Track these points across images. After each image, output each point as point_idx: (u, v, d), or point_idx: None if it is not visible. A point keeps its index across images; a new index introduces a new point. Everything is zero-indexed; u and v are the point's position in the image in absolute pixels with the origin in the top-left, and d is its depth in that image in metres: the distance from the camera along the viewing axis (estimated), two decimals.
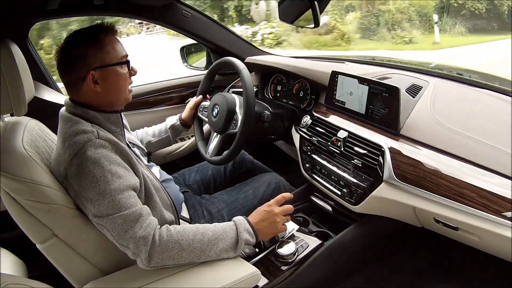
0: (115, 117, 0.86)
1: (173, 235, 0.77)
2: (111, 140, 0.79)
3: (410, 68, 1.16)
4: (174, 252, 0.76)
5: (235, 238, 0.82)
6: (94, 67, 0.81)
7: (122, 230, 0.74)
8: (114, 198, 0.74)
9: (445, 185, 0.75)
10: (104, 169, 0.75)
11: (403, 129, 0.90)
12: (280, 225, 0.90)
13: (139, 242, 0.74)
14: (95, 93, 0.83)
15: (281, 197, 0.91)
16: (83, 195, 0.75)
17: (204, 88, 1.29)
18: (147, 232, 0.75)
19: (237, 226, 0.84)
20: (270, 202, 0.91)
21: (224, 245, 0.81)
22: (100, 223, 0.75)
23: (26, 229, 0.77)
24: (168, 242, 0.76)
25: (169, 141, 1.26)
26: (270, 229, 0.88)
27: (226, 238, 0.81)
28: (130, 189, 0.78)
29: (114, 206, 0.74)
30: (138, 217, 0.76)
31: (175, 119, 1.27)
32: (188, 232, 0.79)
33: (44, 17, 1.37)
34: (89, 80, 0.81)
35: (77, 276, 0.81)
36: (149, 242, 0.75)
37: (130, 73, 0.89)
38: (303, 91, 1.36)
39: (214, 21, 1.59)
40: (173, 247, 0.76)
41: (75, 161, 0.75)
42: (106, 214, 0.74)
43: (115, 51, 0.84)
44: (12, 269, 0.98)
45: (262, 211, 0.89)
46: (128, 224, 0.74)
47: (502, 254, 0.78)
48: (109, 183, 0.74)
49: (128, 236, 0.74)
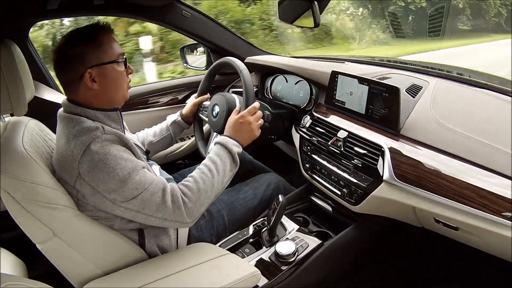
0: (114, 115, 0.87)
1: (193, 187, 0.85)
2: (116, 133, 0.80)
3: (410, 68, 1.16)
4: (202, 198, 0.85)
5: (230, 156, 0.93)
6: (92, 65, 0.82)
7: (154, 204, 0.79)
8: (135, 179, 0.77)
9: (445, 185, 0.75)
10: (117, 156, 0.76)
11: (403, 129, 0.90)
12: (256, 130, 1.01)
13: (175, 208, 0.80)
14: (93, 92, 0.84)
15: (252, 107, 1.01)
16: (103, 188, 0.76)
17: (205, 88, 1.29)
18: (176, 197, 0.81)
19: (225, 146, 0.93)
20: (243, 113, 1.00)
21: (227, 167, 0.91)
22: (129, 207, 0.78)
23: (26, 229, 0.77)
24: (193, 195, 0.84)
25: (171, 140, 1.26)
26: (248, 136, 0.99)
27: (225, 161, 0.91)
28: (144, 168, 0.81)
29: (138, 186, 0.77)
30: (163, 186, 0.81)
31: (175, 115, 1.27)
32: (200, 176, 0.87)
33: (44, 17, 1.37)
34: (86, 79, 0.82)
35: (77, 276, 0.81)
36: (181, 205, 0.81)
37: (127, 72, 0.90)
38: (303, 91, 1.36)
39: (214, 21, 1.59)
40: (199, 196, 0.84)
41: (85, 158, 0.75)
42: (134, 196, 0.77)
43: (112, 49, 0.85)
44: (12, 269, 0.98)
45: (237, 122, 0.99)
46: (157, 196, 0.79)
47: (502, 254, 0.78)
48: (126, 167, 0.77)
49: (162, 208, 0.79)
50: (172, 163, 1.63)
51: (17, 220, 0.76)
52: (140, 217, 0.80)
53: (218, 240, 1.04)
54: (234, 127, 0.99)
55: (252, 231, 1.04)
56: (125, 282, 0.79)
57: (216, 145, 0.95)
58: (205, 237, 1.02)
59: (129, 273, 0.82)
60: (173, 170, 1.30)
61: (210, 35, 1.59)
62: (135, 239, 0.86)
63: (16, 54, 0.79)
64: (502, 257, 0.79)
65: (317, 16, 1.05)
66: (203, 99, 1.27)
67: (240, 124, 0.98)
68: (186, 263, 0.84)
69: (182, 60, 1.81)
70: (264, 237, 1.02)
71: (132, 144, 0.82)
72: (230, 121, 1.00)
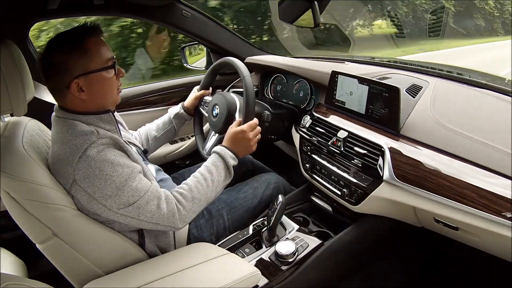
0: (107, 117, 0.85)
1: (187, 196, 0.87)
2: (112, 137, 0.79)
3: (410, 68, 1.16)
4: (195, 205, 0.87)
5: (225, 167, 0.95)
6: (78, 75, 0.78)
7: (149, 212, 0.80)
8: (131, 186, 0.77)
9: (445, 185, 0.75)
10: (114, 163, 0.76)
11: (403, 129, 0.90)
12: (254, 146, 1.02)
13: (169, 216, 0.82)
14: (81, 101, 0.81)
15: (253, 123, 1.01)
16: (100, 195, 0.75)
17: (207, 83, 1.29)
18: (171, 204, 0.83)
19: (223, 157, 0.95)
20: (244, 127, 0.99)
21: (221, 177, 0.93)
22: (125, 214, 0.78)
23: (26, 229, 0.77)
24: (187, 203, 0.86)
25: (174, 132, 1.26)
26: (246, 150, 1.00)
27: (220, 172, 0.93)
28: (140, 173, 0.81)
29: (134, 193, 0.77)
30: (158, 194, 0.82)
31: (177, 108, 1.27)
32: (195, 185, 0.89)
33: (44, 17, 1.37)
34: (73, 89, 0.78)
35: (77, 276, 0.81)
36: (176, 212, 0.83)
37: (118, 75, 0.85)
38: (303, 91, 1.36)
39: (214, 21, 1.59)
40: (193, 204, 0.87)
41: (81, 165, 0.74)
42: (130, 203, 0.77)
43: (100, 54, 0.80)
44: (12, 269, 0.98)
45: (237, 136, 0.99)
46: (152, 203, 0.80)
47: (502, 254, 0.78)
48: (122, 174, 0.76)
49: (157, 215, 0.81)
50: (172, 163, 1.63)
51: (17, 220, 0.76)
52: (134, 222, 0.80)
53: (218, 240, 1.04)
54: (233, 139, 0.98)
55: (252, 231, 1.04)
56: (125, 282, 0.79)
57: (214, 154, 0.96)
58: (205, 237, 1.02)
59: (129, 273, 0.82)
60: (173, 170, 1.30)
61: (210, 35, 1.59)
62: (135, 239, 0.87)
63: (16, 54, 0.79)
64: (502, 257, 0.79)
65: (317, 16, 1.05)
66: (205, 93, 1.27)
67: (240, 138, 0.98)
68: (186, 263, 0.84)
69: (182, 60, 1.81)
70: (264, 237, 1.02)
71: (127, 148, 0.81)
72: (230, 132, 0.99)
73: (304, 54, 1.64)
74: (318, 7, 1.04)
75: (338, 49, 5.14)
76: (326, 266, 0.99)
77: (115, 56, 0.85)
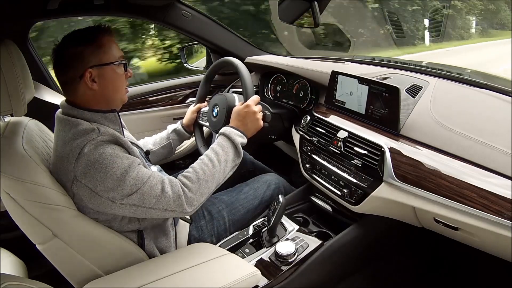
0: (112, 116, 0.86)
1: (192, 177, 0.85)
2: (113, 135, 0.80)
3: (410, 68, 1.16)
4: (202, 187, 0.85)
5: (233, 146, 0.93)
6: (92, 65, 0.81)
7: (154, 197, 0.79)
8: (132, 175, 0.77)
9: (445, 185, 0.75)
10: (112, 155, 0.76)
11: (403, 129, 0.90)
12: (260, 121, 1.01)
13: (175, 198, 0.81)
14: (92, 92, 0.83)
15: (255, 97, 1.01)
16: (101, 188, 0.75)
17: (202, 94, 1.29)
18: (175, 187, 0.82)
19: (228, 136, 0.93)
20: (248, 102, 0.99)
21: (229, 157, 0.91)
22: (129, 203, 0.78)
23: (26, 230, 0.77)
24: (192, 185, 0.84)
25: (170, 149, 1.24)
26: (253, 126, 0.99)
27: (227, 152, 0.91)
28: (140, 165, 0.81)
29: (136, 182, 0.77)
30: (161, 179, 0.81)
31: (176, 124, 1.26)
32: (200, 167, 0.87)
33: (44, 17, 1.37)
34: (86, 78, 0.81)
35: (77, 276, 0.81)
36: (181, 194, 0.82)
37: (126, 75, 0.89)
38: (303, 91, 1.36)
39: (214, 21, 1.59)
40: (199, 185, 0.85)
41: (80, 161, 0.75)
42: (133, 191, 0.77)
43: (112, 51, 0.85)
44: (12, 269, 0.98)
45: (242, 112, 0.98)
46: (156, 188, 0.79)
47: (502, 254, 0.78)
48: (122, 165, 0.77)
49: (162, 199, 0.79)
50: (172, 163, 1.63)
51: (17, 220, 0.76)
52: (141, 211, 0.80)
53: (218, 241, 1.04)
54: (239, 116, 0.98)
55: (252, 231, 1.04)
56: (124, 282, 0.79)
57: (219, 135, 0.95)
58: (205, 238, 1.02)
59: (129, 273, 0.82)
60: (173, 170, 1.29)
61: (210, 35, 1.59)
62: (134, 240, 0.87)
63: (16, 54, 0.79)
64: (502, 257, 0.79)
65: (317, 16, 1.05)
66: (202, 106, 1.27)
67: (245, 113, 0.98)
68: (186, 263, 0.84)
69: (183, 60, 1.81)
70: (264, 237, 1.02)
71: (129, 145, 0.82)
72: (235, 112, 1.00)
73: (304, 54, 1.64)
74: (318, 7, 1.04)
75: (338, 49, 5.16)
76: (326, 267, 0.99)
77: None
